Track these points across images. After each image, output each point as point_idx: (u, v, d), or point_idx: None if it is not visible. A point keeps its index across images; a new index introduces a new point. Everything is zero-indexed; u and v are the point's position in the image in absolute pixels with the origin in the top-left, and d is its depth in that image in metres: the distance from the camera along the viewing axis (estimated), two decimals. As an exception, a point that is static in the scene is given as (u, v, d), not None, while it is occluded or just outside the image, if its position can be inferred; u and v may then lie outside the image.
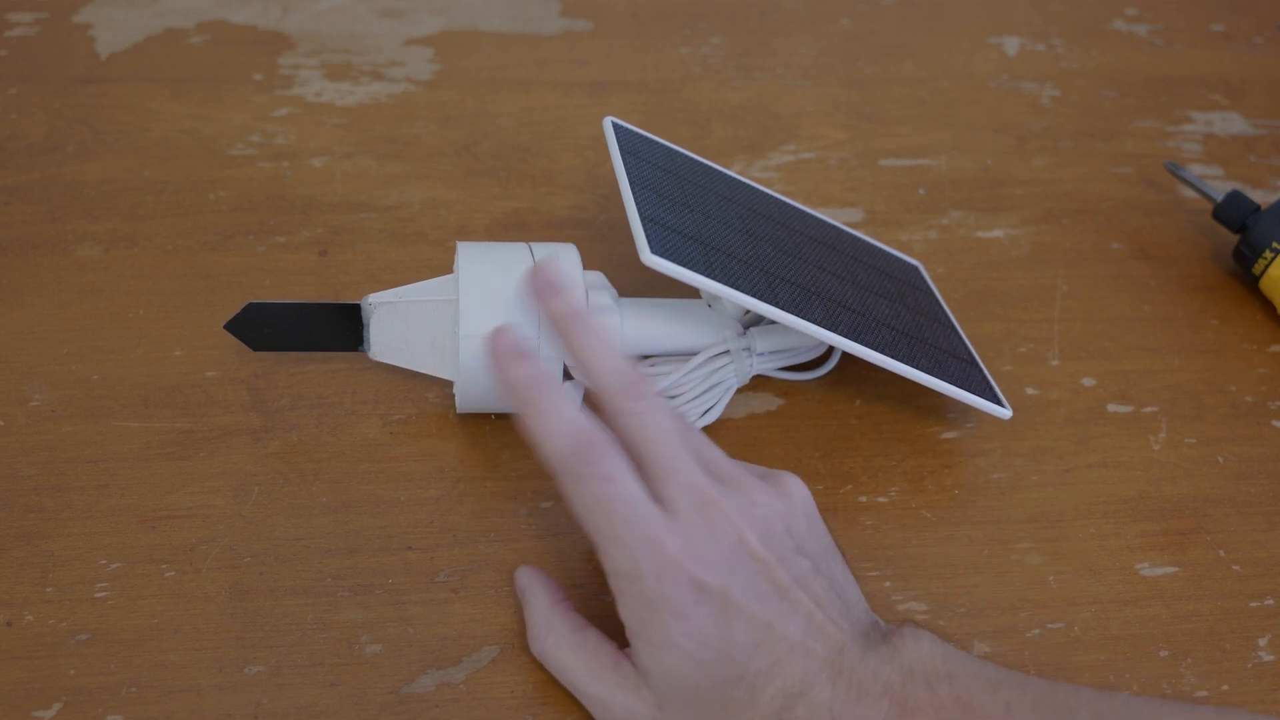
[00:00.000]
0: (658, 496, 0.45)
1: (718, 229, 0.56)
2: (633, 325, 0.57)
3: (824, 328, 0.54)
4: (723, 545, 0.44)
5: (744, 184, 0.63)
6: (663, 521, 0.44)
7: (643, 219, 0.53)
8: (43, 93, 0.71)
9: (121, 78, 0.72)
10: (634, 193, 0.54)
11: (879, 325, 0.57)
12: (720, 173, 0.62)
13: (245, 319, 0.55)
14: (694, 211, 0.57)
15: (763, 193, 0.63)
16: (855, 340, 0.55)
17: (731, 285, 0.53)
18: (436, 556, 0.53)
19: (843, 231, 0.64)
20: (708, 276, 0.52)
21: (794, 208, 0.64)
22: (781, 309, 0.53)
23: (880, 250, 0.65)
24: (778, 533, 0.46)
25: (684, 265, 0.52)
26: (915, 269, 0.66)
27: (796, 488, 0.48)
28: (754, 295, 0.53)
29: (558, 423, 0.45)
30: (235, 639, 0.50)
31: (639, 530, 0.44)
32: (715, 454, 0.48)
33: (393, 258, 0.64)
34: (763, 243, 0.58)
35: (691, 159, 0.61)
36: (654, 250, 0.51)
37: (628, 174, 0.56)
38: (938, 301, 0.64)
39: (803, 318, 0.54)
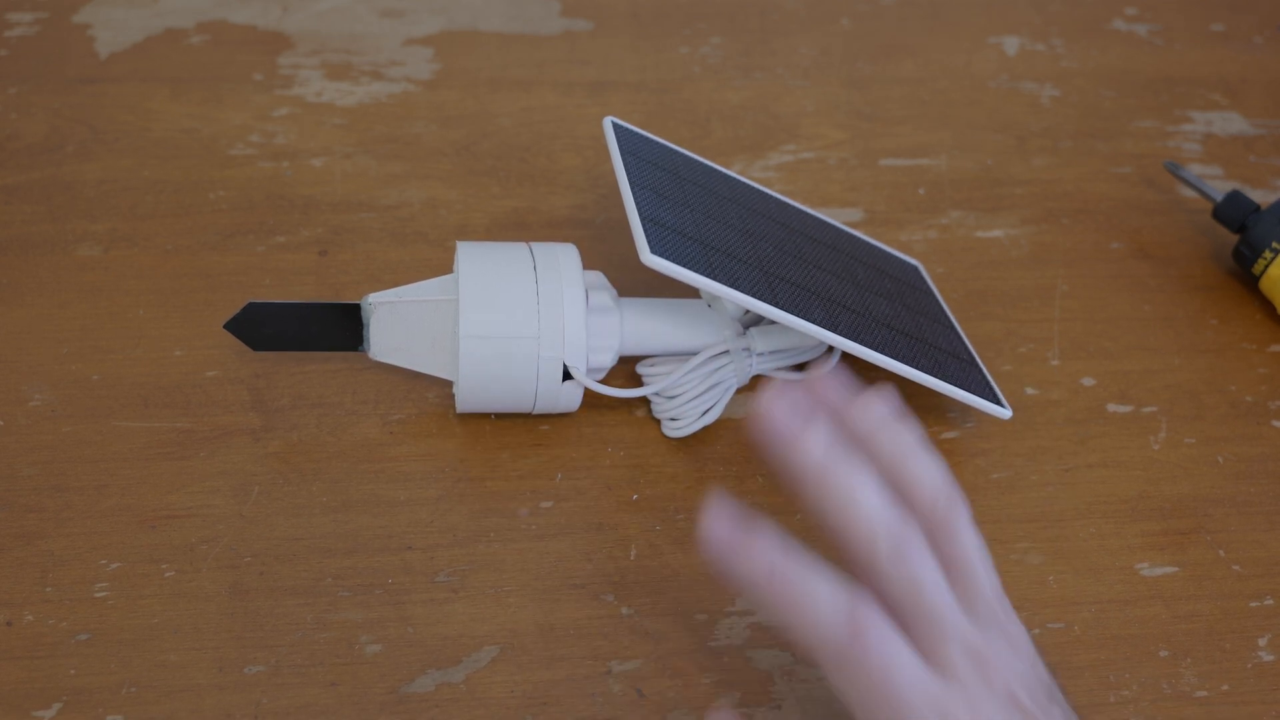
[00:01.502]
0: (930, 654, 0.42)
1: (717, 229, 0.56)
2: (632, 325, 0.57)
3: (824, 328, 0.54)
4: (1000, 702, 0.42)
5: (744, 184, 0.63)
6: (946, 691, 0.41)
7: (642, 219, 0.53)
8: (43, 93, 0.71)
9: (121, 78, 0.72)
10: (634, 192, 0.54)
11: (879, 325, 0.57)
12: (720, 172, 0.62)
13: (245, 319, 0.55)
14: (694, 211, 0.56)
15: (762, 192, 0.63)
16: (855, 340, 0.55)
17: (731, 285, 0.52)
18: (436, 556, 0.53)
19: (842, 231, 0.64)
20: (707, 276, 0.52)
21: (794, 207, 0.64)
22: (781, 309, 0.53)
23: (880, 250, 0.65)
24: (1032, 682, 0.43)
25: (684, 265, 0.52)
26: (915, 269, 0.66)
27: (1017, 630, 0.45)
28: (753, 295, 0.53)
29: (822, 608, 0.41)
30: (235, 639, 0.50)
31: (928, 707, 0.41)
32: (977, 577, 0.44)
33: (393, 258, 0.64)
34: (762, 242, 0.58)
35: (691, 159, 0.61)
36: (654, 250, 0.51)
37: (627, 174, 0.56)
38: (937, 301, 0.64)
39: (803, 318, 0.54)
